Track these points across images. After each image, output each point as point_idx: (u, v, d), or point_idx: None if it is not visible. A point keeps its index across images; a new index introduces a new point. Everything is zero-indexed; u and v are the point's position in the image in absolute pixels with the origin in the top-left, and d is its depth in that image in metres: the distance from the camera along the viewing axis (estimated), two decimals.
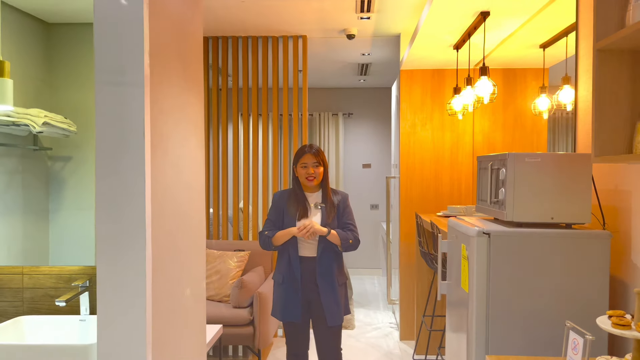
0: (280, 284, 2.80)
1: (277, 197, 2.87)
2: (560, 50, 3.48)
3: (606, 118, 1.54)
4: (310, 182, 2.77)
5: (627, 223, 1.91)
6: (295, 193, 2.82)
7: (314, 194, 2.84)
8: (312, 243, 2.75)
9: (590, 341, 1.37)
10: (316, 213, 2.79)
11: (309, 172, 2.76)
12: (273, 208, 2.85)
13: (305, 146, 2.82)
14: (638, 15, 1.40)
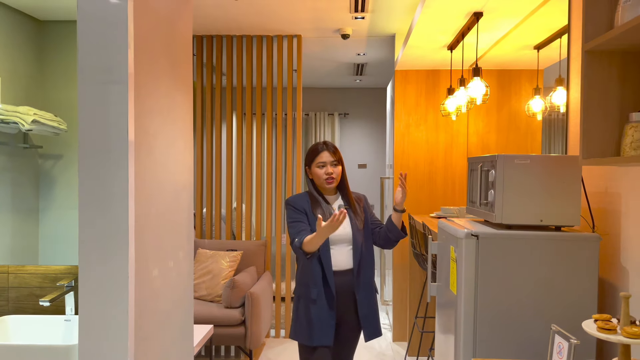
0: (314, 300, 2.33)
1: (295, 204, 2.41)
2: (554, 52, 3.47)
3: (595, 120, 1.53)
4: (329, 183, 2.39)
5: (616, 226, 1.90)
6: (315, 197, 2.42)
7: (333, 198, 2.47)
8: (347, 252, 2.38)
9: (575, 345, 1.36)
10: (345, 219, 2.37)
11: (327, 171, 2.39)
12: (297, 214, 2.38)
13: (319, 144, 2.46)
14: (627, 16, 1.39)
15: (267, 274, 4.46)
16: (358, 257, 2.38)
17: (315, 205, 2.39)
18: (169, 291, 1.96)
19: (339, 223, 2.09)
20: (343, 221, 2.10)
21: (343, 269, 2.36)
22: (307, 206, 2.39)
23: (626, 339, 1.33)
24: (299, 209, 2.39)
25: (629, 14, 1.37)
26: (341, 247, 2.37)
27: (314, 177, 2.43)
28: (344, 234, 2.37)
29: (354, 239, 2.38)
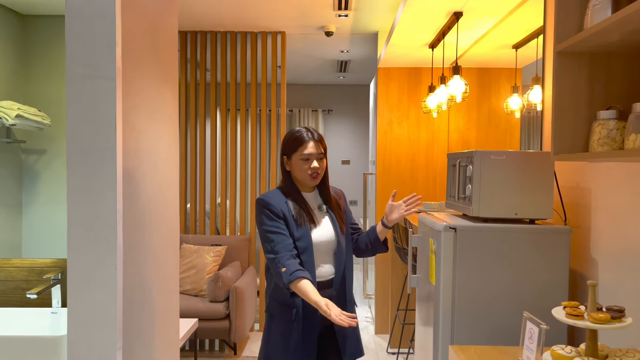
0: (292, 321, 1.94)
1: (271, 203, 1.97)
2: (531, 51, 3.57)
3: (565, 118, 1.60)
4: (314, 179, 1.99)
5: (587, 219, 1.99)
6: (293, 195, 2.02)
7: (311, 194, 2.08)
8: (329, 259, 2.02)
9: (545, 330, 1.43)
10: (322, 218, 2.05)
11: (313, 166, 1.98)
12: (274, 217, 1.95)
13: (301, 130, 2.02)
14: (596, 19, 1.46)
15: (252, 269, 4.50)
16: (342, 266, 2.03)
17: (295, 207, 1.99)
18: (156, 283, 2.00)
19: (332, 318, 1.74)
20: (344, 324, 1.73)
21: (325, 278, 2.00)
22: (285, 208, 1.97)
23: (592, 324, 1.41)
24: (277, 214, 1.95)
25: (598, 17, 1.44)
26: (325, 255, 2.00)
27: (293, 169, 2.01)
28: (327, 239, 2.01)
29: (339, 244, 2.03)
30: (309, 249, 1.95)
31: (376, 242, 2.12)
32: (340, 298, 2.02)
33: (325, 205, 2.08)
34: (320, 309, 1.77)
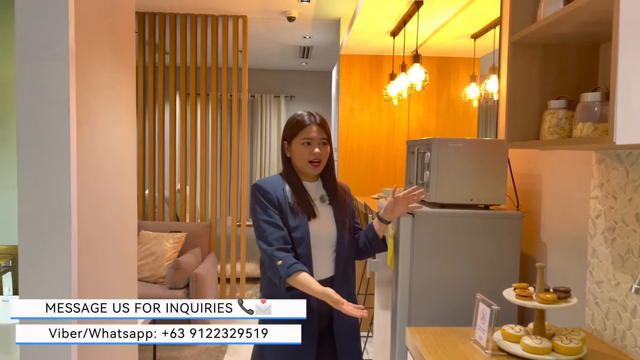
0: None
1: (267, 190, 1.82)
2: (489, 41, 3.65)
3: (518, 107, 1.66)
4: (315, 167, 1.84)
5: (537, 205, 2.07)
6: (294, 183, 1.87)
7: (313, 184, 1.91)
8: (329, 255, 1.86)
9: (496, 311, 1.49)
10: (323, 210, 1.88)
11: (314, 152, 1.82)
12: (269, 205, 1.80)
13: (303, 114, 1.88)
14: (548, 11, 1.51)
15: (212, 256, 4.47)
16: (342, 264, 1.87)
17: (294, 197, 1.83)
18: (113, 270, 1.96)
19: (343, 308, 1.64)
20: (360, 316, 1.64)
21: (323, 277, 1.83)
22: (281, 196, 1.83)
23: (540, 304, 1.48)
24: (271, 201, 1.80)
25: (550, 9, 1.49)
26: (323, 250, 1.84)
27: (294, 156, 1.86)
28: (327, 233, 1.86)
29: (340, 240, 1.86)
30: (306, 241, 1.79)
31: (375, 240, 1.95)
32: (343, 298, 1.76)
33: (328, 197, 1.90)
34: (331, 298, 1.65)
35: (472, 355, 1.49)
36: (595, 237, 1.66)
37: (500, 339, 1.53)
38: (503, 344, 1.50)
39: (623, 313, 1.52)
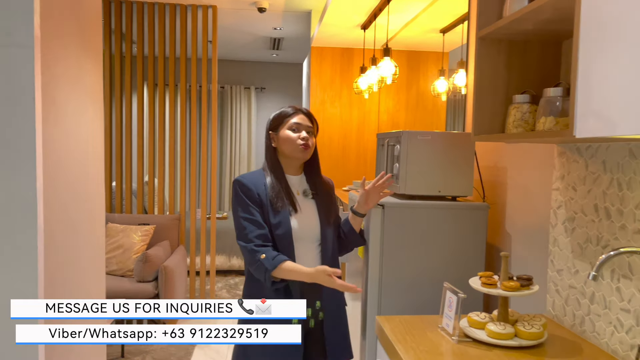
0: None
1: (248, 185, 1.77)
2: (457, 36, 3.71)
3: (485, 101, 1.70)
4: (305, 150, 1.79)
5: (503, 196, 2.14)
6: (275, 175, 1.81)
7: (297, 178, 1.87)
8: (314, 250, 1.81)
9: (462, 299, 1.54)
10: (306, 205, 1.83)
11: (303, 136, 1.79)
12: (249, 201, 1.75)
13: (287, 106, 1.88)
14: (514, 8, 1.55)
15: (181, 248, 4.43)
16: (328, 259, 1.80)
17: (275, 190, 1.78)
18: (81, 264, 1.93)
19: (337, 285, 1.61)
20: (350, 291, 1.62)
21: None
22: (262, 191, 1.77)
23: (504, 292, 1.54)
24: (252, 197, 1.76)
25: (516, 6, 1.53)
26: (307, 245, 1.79)
27: (281, 144, 1.81)
28: (310, 228, 1.80)
29: (323, 235, 1.81)
30: (288, 236, 1.75)
31: (351, 234, 1.92)
32: (328, 296, 1.80)
33: (311, 191, 1.85)
34: (325, 272, 1.59)
35: (439, 341, 1.53)
36: (557, 227, 1.73)
37: (466, 326, 1.58)
38: (469, 330, 1.55)
39: (582, 299, 1.59)
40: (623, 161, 1.42)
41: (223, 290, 5.13)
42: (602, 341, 1.49)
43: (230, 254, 5.59)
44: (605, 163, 1.50)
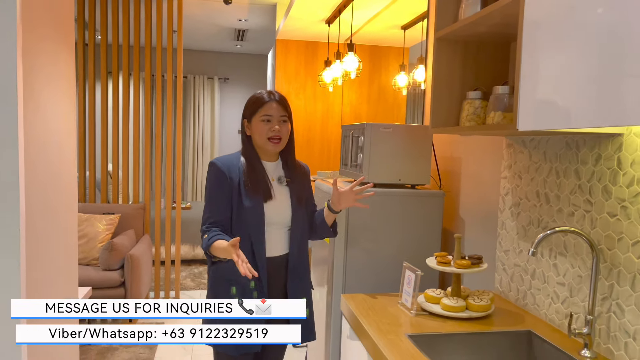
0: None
1: (221, 169, 1.82)
2: (418, 33, 3.89)
3: (442, 96, 1.86)
4: (275, 144, 1.83)
5: (457, 184, 2.31)
6: (251, 162, 1.86)
7: (272, 164, 1.90)
8: (283, 234, 1.87)
9: (420, 276, 1.70)
10: (280, 192, 1.88)
11: (273, 128, 1.82)
12: (217, 186, 1.82)
13: (262, 92, 1.88)
14: (468, 12, 1.71)
15: (146, 237, 4.45)
16: (296, 243, 1.88)
17: (249, 175, 1.82)
18: (57, 249, 1.98)
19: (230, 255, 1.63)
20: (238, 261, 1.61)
21: (276, 254, 1.85)
22: (236, 175, 1.82)
23: (457, 269, 1.70)
24: (222, 181, 1.81)
25: (469, 11, 1.69)
26: (278, 229, 1.86)
27: (254, 133, 1.85)
28: (282, 214, 1.86)
29: (294, 219, 1.88)
30: (260, 221, 1.80)
31: (323, 226, 1.93)
32: (294, 277, 1.87)
33: (286, 178, 1.89)
34: (232, 246, 1.61)
35: (399, 315, 1.69)
36: (504, 211, 1.91)
37: (423, 301, 1.74)
38: (425, 305, 1.71)
39: (525, 276, 1.78)
40: (560, 152, 1.60)
41: (187, 279, 5.18)
42: (542, 312, 1.68)
43: (194, 243, 5.63)
44: (545, 154, 1.68)
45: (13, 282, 1.56)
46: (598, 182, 1.44)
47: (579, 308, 1.51)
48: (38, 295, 1.73)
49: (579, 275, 1.51)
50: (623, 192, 1.35)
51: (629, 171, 1.33)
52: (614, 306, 1.37)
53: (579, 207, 1.51)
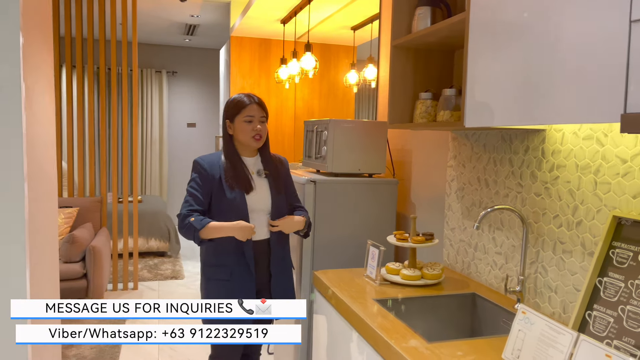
0: (227, 281, 2.03)
1: (204, 166, 2.07)
2: (366, 33, 4.19)
3: (397, 96, 2.14)
4: (257, 141, 2.08)
5: (408, 173, 2.62)
6: (232, 159, 2.08)
7: (252, 159, 2.14)
8: (265, 220, 2.09)
9: (382, 252, 1.98)
10: (259, 184, 2.10)
11: (256, 128, 2.07)
12: (200, 181, 2.04)
13: (242, 95, 2.11)
14: (420, 25, 1.99)
15: (104, 230, 4.51)
16: (279, 231, 2.10)
17: (230, 171, 2.05)
18: (46, 231, 2.10)
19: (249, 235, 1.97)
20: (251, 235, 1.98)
21: (260, 239, 2.08)
22: (217, 172, 2.05)
23: (413, 244, 2.00)
24: (203, 177, 2.05)
25: (421, 24, 1.97)
26: (259, 217, 2.07)
27: (236, 132, 2.08)
28: (263, 202, 2.09)
29: (274, 206, 2.10)
30: (243, 211, 2.02)
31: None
32: (277, 257, 2.10)
33: (265, 170, 2.12)
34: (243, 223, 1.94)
35: (365, 285, 1.96)
36: (450, 195, 2.23)
37: (385, 273, 2.02)
38: (387, 276, 2.00)
39: (468, 249, 2.10)
40: (497, 144, 1.93)
41: (144, 271, 5.26)
42: (483, 278, 2.01)
43: (148, 236, 5.70)
44: (485, 146, 2.00)
45: (20, 261, 1.69)
46: (527, 168, 1.77)
47: (512, 272, 1.84)
48: (37, 275, 1.86)
49: (513, 245, 1.84)
50: (546, 176, 1.68)
51: (550, 159, 1.66)
52: (539, 268, 1.71)
53: (512, 189, 1.84)
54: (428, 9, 1.94)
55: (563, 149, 1.61)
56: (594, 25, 1.09)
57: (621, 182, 1.40)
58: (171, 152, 7.60)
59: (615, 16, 1.03)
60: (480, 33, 1.52)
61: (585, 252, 1.51)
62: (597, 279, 1.39)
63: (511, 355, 1.29)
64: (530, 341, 1.25)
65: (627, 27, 1.01)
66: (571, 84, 1.16)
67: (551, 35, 1.22)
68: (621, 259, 1.35)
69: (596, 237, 1.47)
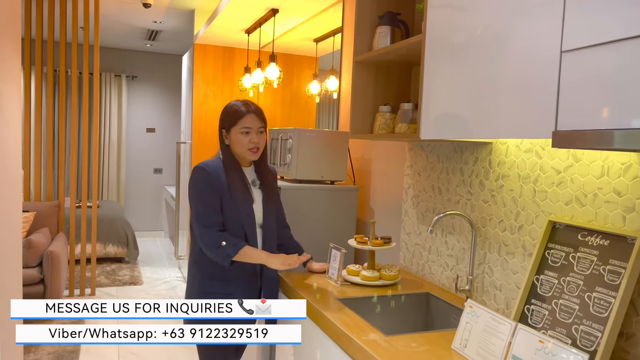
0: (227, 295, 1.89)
1: (211, 174, 1.94)
2: (328, 45, 4.33)
3: (359, 108, 2.28)
4: (254, 153, 1.97)
5: (368, 181, 2.76)
6: (234, 169, 1.98)
7: (248, 169, 2.05)
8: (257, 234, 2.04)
9: (344, 254, 2.10)
10: (256, 194, 2.04)
11: (253, 140, 1.95)
12: (210, 190, 1.92)
13: (239, 103, 1.99)
14: (380, 43, 2.14)
15: (61, 235, 4.44)
16: (270, 240, 2.06)
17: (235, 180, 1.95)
18: (10, 235, 2.11)
19: (293, 266, 1.92)
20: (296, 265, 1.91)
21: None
22: (223, 181, 1.94)
23: (373, 247, 2.13)
24: (213, 186, 1.93)
25: (381, 42, 2.12)
26: (253, 229, 2.02)
27: (233, 144, 1.97)
28: (257, 214, 2.03)
29: (265, 219, 2.04)
30: (252, 220, 1.98)
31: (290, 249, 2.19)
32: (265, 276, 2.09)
33: (259, 180, 2.05)
34: (271, 263, 1.90)
35: (327, 285, 2.08)
36: (407, 202, 2.38)
37: (346, 274, 2.14)
38: (348, 277, 2.12)
39: (423, 252, 2.26)
40: (449, 155, 2.10)
41: (102, 277, 5.19)
42: (436, 279, 2.17)
43: (106, 242, 5.63)
44: (439, 156, 2.17)
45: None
46: (476, 177, 1.94)
47: (462, 272, 2.00)
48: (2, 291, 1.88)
49: (463, 248, 2.01)
50: (492, 184, 1.85)
51: (496, 169, 1.84)
52: (486, 268, 1.88)
53: (463, 197, 2.01)
54: (388, 29, 2.10)
55: (507, 160, 1.78)
56: (533, 51, 1.26)
57: (556, 191, 1.58)
58: (130, 157, 7.51)
59: (550, 45, 1.20)
60: (435, 53, 1.68)
61: (526, 253, 1.69)
62: (534, 276, 1.56)
63: (459, 345, 1.44)
64: (476, 332, 1.40)
65: (558, 55, 1.18)
66: (513, 103, 1.32)
67: (497, 58, 1.38)
68: (555, 258, 1.52)
69: (535, 239, 1.65)
